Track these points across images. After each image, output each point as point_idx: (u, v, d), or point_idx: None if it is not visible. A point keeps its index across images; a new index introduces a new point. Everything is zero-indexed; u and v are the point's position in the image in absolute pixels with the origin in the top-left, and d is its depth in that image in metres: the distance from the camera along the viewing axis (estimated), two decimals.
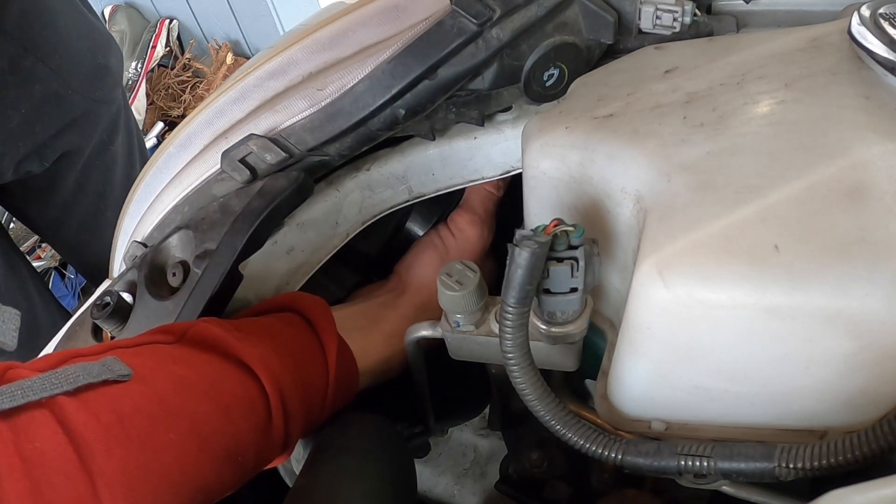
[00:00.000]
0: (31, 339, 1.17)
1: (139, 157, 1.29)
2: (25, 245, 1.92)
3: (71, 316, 0.65)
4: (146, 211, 0.63)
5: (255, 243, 0.51)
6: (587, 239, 0.41)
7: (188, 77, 2.30)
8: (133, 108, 2.21)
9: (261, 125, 0.54)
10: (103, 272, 0.73)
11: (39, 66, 0.97)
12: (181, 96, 2.29)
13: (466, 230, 0.62)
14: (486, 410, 0.73)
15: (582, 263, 0.40)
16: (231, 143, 0.54)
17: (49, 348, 0.64)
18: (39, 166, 1.07)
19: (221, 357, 0.43)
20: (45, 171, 1.09)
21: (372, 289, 0.63)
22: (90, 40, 1.06)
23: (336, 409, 0.51)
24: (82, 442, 0.34)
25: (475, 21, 0.48)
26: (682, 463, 0.40)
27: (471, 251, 0.62)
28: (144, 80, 2.26)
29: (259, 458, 0.44)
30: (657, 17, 0.51)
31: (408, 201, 0.63)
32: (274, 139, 0.53)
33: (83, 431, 0.35)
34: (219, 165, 0.55)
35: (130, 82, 2.24)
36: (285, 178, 0.53)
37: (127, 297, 0.57)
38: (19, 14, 0.94)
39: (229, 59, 2.23)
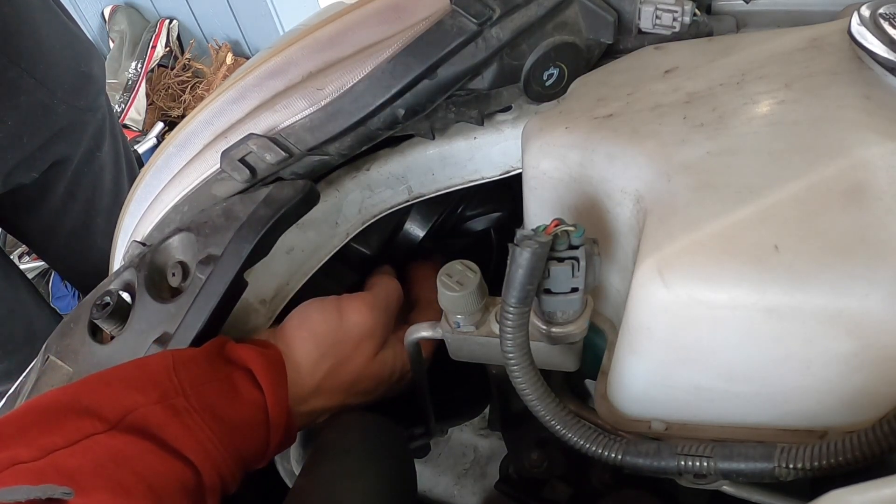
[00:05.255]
0: (28, 344, 1.17)
1: (125, 163, 1.28)
2: (22, 247, 1.90)
3: None
4: (146, 210, 0.63)
5: (260, 252, 0.51)
6: (588, 239, 0.40)
7: (188, 77, 2.30)
8: (133, 108, 2.21)
9: (260, 125, 0.54)
10: (93, 281, 0.72)
11: (24, 77, 0.96)
12: (181, 96, 2.29)
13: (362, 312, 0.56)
14: (486, 411, 0.73)
15: (582, 263, 0.40)
16: (231, 143, 0.54)
17: None
18: (28, 178, 1.07)
19: (159, 448, 0.43)
20: (34, 181, 1.08)
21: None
22: (72, 49, 1.06)
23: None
24: None
25: (475, 20, 0.48)
26: (682, 463, 0.40)
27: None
28: (144, 80, 2.26)
29: None
30: (657, 17, 0.51)
31: (408, 201, 0.63)
32: (273, 139, 0.53)
33: None
34: (218, 165, 0.55)
35: (130, 82, 2.24)
36: (291, 187, 0.53)
37: (126, 296, 0.57)
38: (1, 26, 0.93)
39: (229, 59, 2.23)
